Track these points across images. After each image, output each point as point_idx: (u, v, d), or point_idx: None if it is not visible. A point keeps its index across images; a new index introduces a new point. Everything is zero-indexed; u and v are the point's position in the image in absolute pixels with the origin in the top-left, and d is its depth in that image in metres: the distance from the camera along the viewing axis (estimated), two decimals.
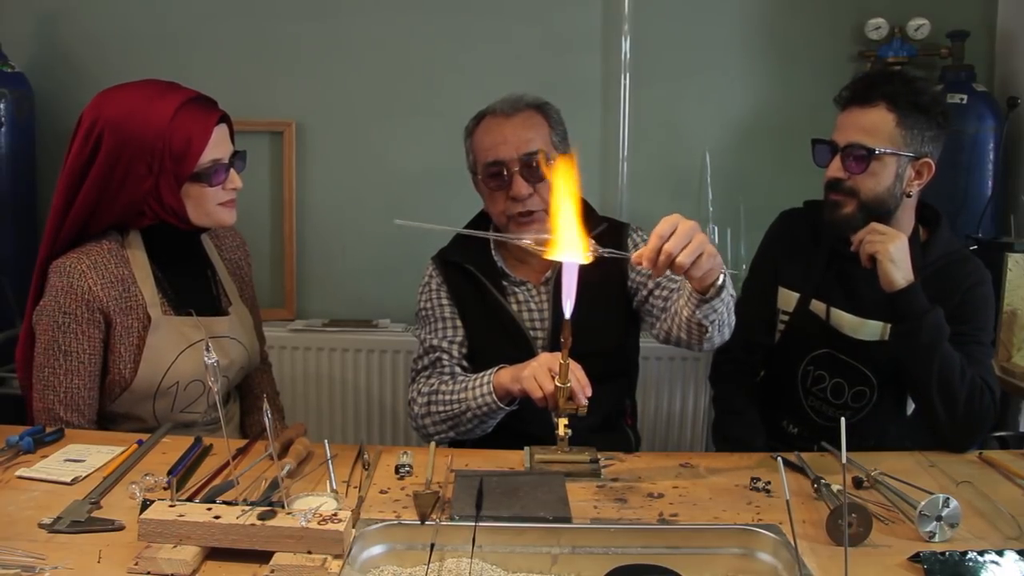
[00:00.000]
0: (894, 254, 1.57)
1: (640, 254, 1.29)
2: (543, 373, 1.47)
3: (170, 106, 1.56)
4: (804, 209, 1.87)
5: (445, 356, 1.74)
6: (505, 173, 1.68)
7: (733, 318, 1.50)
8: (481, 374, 1.63)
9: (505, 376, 1.57)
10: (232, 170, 1.64)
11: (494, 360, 1.72)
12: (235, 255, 1.85)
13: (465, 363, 1.76)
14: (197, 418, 1.70)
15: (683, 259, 1.26)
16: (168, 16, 2.67)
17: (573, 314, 1.68)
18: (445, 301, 1.77)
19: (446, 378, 1.70)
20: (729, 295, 1.43)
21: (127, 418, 1.66)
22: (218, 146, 1.61)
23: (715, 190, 2.67)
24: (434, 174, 2.67)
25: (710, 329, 1.45)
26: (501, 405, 1.59)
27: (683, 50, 2.66)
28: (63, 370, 1.59)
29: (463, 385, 1.64)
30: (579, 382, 1.42)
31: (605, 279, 1.72)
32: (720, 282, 1.36)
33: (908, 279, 1.57)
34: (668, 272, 1.29)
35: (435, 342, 1.75)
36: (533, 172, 1.68)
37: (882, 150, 1.62)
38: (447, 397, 1.66)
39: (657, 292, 1.69)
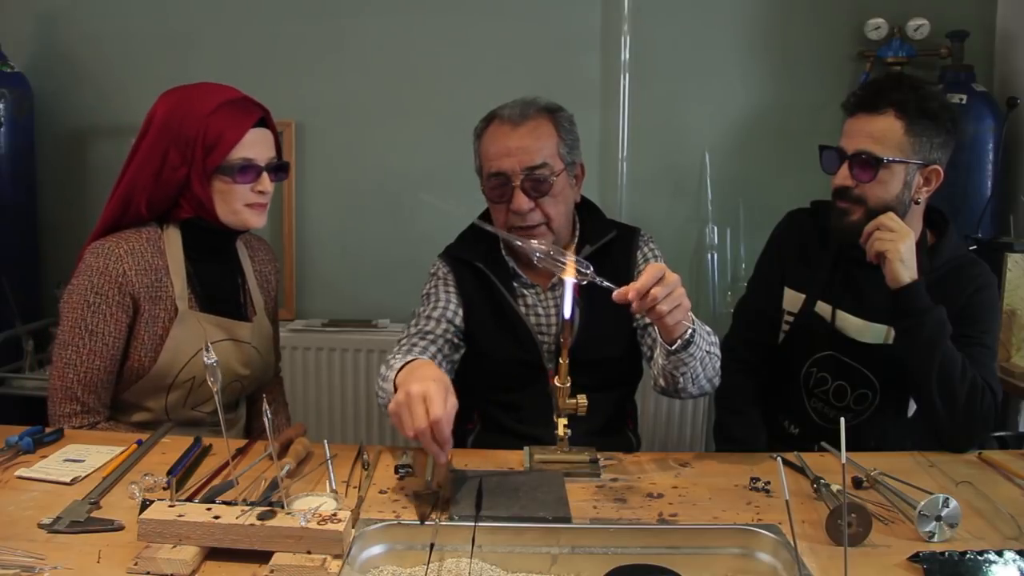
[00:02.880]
0: (904, 253, 1.57)
1: (624, 291, 1.30)
2: (417, 407, 1.23)
3: (213, 101, 1.61)
4: (810, 209, 1.87)
5: (433, 324, 1.65)
6: (507, 186, 1.64)
7: (714, 373, 1.54)
8: (395, 366, 1.45)
9: (401, 379, 1.37)
10: (265, 173, 1.66)
11: (501, 362, 1.71)
12: (265, 268, 1.87)
13: (458, 340, 1.70)
14: (205, 417, 1.71)
15: (664, 306, 1.31)
16: (168, 16, 2.67)
17: (583, 321, 1.68)
18: (452, 289, 1.73)
19: (399, 358, 1.52)
20: (704, 352, 1.46)
21: (137, 408, 1.67)
22: (253, 146, 1.63)
23: (715, 190, 2.67)
24: (434, 174, 2.68)
25: (681, 381, 1.49)
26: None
27: (683, 50, 2.66)
28: (87, 350, 1.60)
29: (387, 375, 1.48)
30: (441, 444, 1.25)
31: (616, 286, 1.71)
32: (688, 336, 1.40)
33: (913, 277, 1.57)
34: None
35: (433, 313, 1.69)
36: (536, 187, 1.64)
37: (890, 159, 1.61)
38: (380, 383, 1.52)
39: (650, 330, 1.67)
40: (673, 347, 1.40)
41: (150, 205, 1.64)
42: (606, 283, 1.34)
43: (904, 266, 1.57)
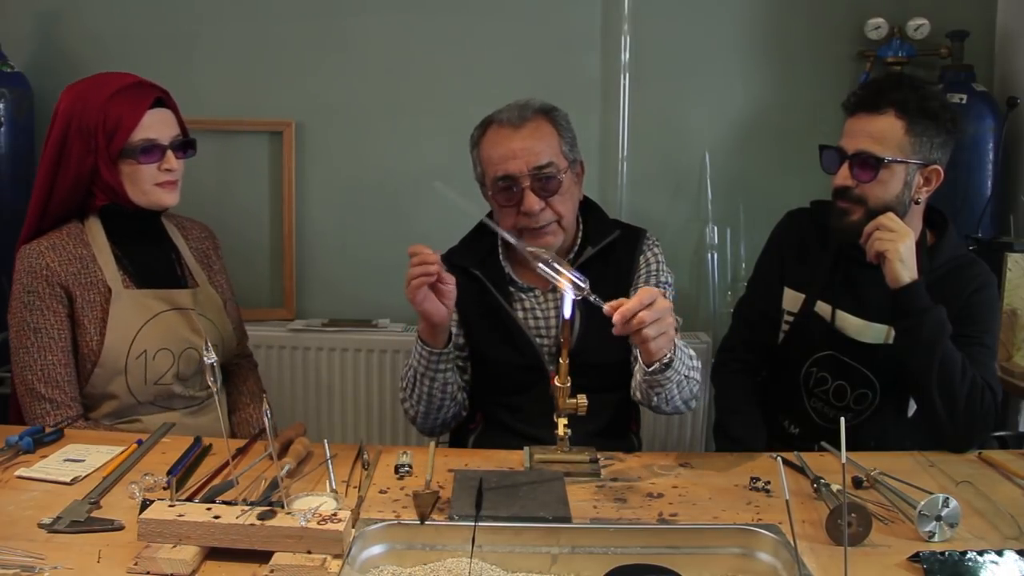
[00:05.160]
0: (904, 253, 1.57)
1: (614, 306, 1.31)
2: (410, 267, 1.49)
3: (110, 89, 1.66)
4: (810, 209, 1.87)
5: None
6: (515, 188, 1.64)
7: (690, 396, 1.53)
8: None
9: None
10: (169, 152, 1.70)
11: (500, 367, 1.72)
12: (203, 245, 1.90)
13: (460, 363, 1.74)
14: (174, 389, 1.73)
15: (650, 331, 1.31)
16: (168, 16, 2.67)
17: (584, 325, 1.68)
18: None
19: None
20: (683, 376, 1.45)
21: (105, 397, 1.69)
22: (153, 127, 1.68)
23: (715, 190, 2.67)
24: (434, 174, 2.65)
25: (655, 399, 1.49)
26: (424, 341, 1.58)
27: (683, 50, 2.66)
28: (36, 348, 1.63)
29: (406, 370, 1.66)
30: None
31: (616, 291, 1.69)
32: (666, 360, 1.39)
33: (913, 277, 1.57)
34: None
35: None
36: (544, 186, 1.64)
37: (891, 158, 1.61)
38: (404, 370, 1.67)
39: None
40: (650, 368, 1.40)
41: (64, 200, 1.70)
42: (599, 301, 1.34)
43: (904, 266, 1.57)
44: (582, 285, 1.36)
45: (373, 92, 2.68)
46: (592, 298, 1.35)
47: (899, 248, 1.57)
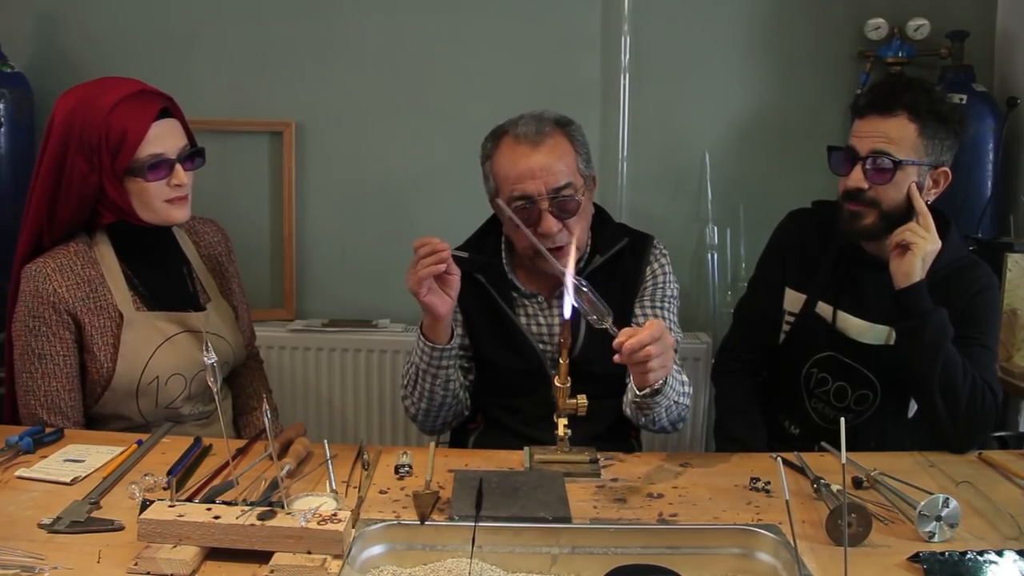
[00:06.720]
0: (928, 254, 1.57)
1: (623, 339, 1.30)
2: (418, 257, 1.49)
3: (111, 99, 1.55)
4: (812, 209, 1.87)
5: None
6: (532, 208, 1.60)
7: (677, 419, 1.56)
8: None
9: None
10: (178, 166, 1.61)
11: (502, 371, 1.71)
12: (215, 250, 1.83)
13: (465, 364, 1.74)
14: (184, 411, 1.70)
15: (654, 364, 1.32)
16: (168, 16, 2.67)
17: (586, 336, 1.67)
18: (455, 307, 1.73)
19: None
20: (672, 402, 1.48)
21: (114, 418, 1.66)
22: (160, 140, 1.58)
23: (715, 190, 2.67)
24: (434, 174, 2.67)
25: (643, 420, 1.53)
26: (425, 337, 1.57)
27: (683, 50, 2.66)
28: (39, 374, 1.58)
29: (407, 369, 1.65)
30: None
31: (620, 298, 1.69)
32: (657, 387, 1.40)
33: (921, 278, 1.57)
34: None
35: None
36: (563, 207, 1.60)
37: (907, 160, 1.61)
38: (405, 367, 1.66)
39: None
40: (641, 393, 1.41)
41: (69, 220, 1.61)
42: (614, 330, 1.34)
43: (921, 265, 1.56)
44: (601, 320, 1.37)
45: (373, 92, 2.69)
46: (611, 329, 1.35)
47: (926, 247, 1.57)
